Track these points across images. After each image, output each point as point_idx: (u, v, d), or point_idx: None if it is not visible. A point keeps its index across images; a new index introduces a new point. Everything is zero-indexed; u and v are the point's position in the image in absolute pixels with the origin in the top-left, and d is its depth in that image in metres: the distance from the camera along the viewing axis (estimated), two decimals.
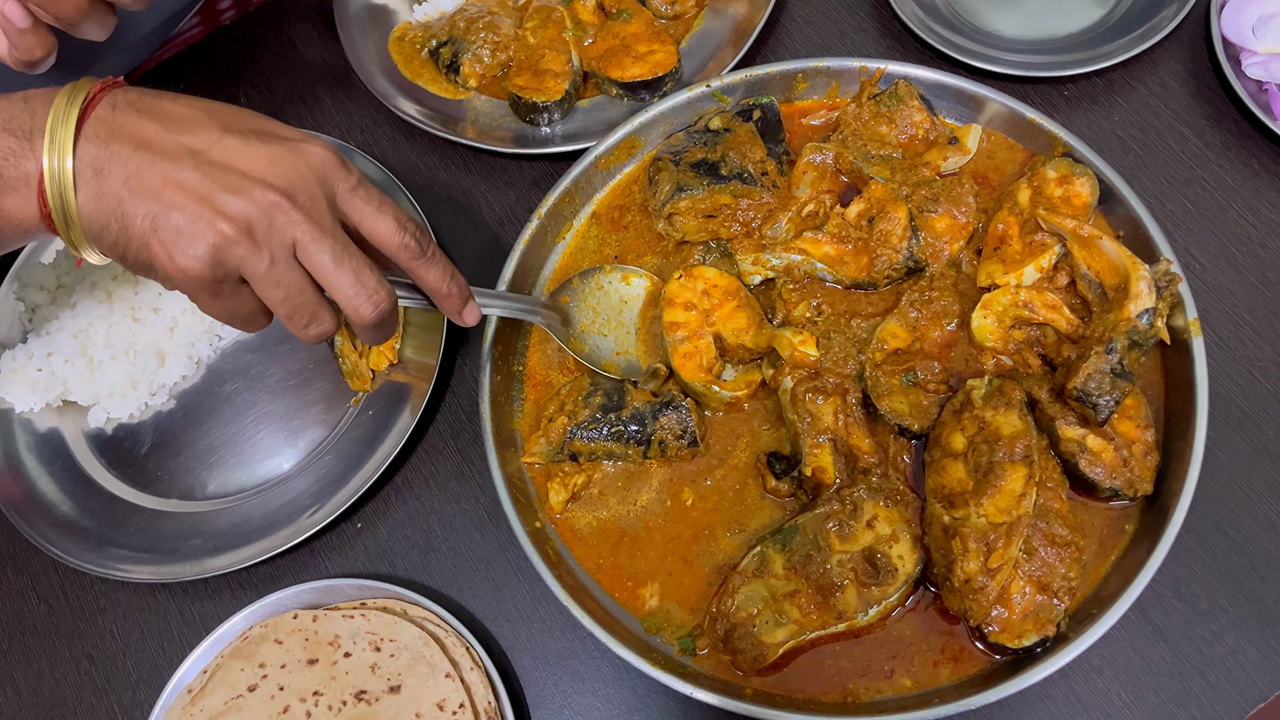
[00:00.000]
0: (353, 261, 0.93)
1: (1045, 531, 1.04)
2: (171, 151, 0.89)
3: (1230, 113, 1.34)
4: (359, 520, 1.29)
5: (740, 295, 1.23)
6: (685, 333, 1.20)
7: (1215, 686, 1.07)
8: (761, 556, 1.08)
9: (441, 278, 1.02)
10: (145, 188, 0.88)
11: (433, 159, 1.52)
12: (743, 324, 1.22)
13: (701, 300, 1.22)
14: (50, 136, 0.88)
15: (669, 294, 1.23)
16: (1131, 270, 1.07)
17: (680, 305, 1.22)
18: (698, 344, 1.20)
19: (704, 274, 1.24)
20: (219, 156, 0.89)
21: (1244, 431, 1.17)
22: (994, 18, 1.46)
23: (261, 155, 0.90)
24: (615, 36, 1.46)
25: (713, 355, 1.20)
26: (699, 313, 1.22)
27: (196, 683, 1.15)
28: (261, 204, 0.88)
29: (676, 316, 1.21)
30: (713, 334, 1.20)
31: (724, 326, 1.21)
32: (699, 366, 1.19)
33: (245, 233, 0.88)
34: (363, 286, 0.93)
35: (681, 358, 1.19)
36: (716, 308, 1.22)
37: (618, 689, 1.16)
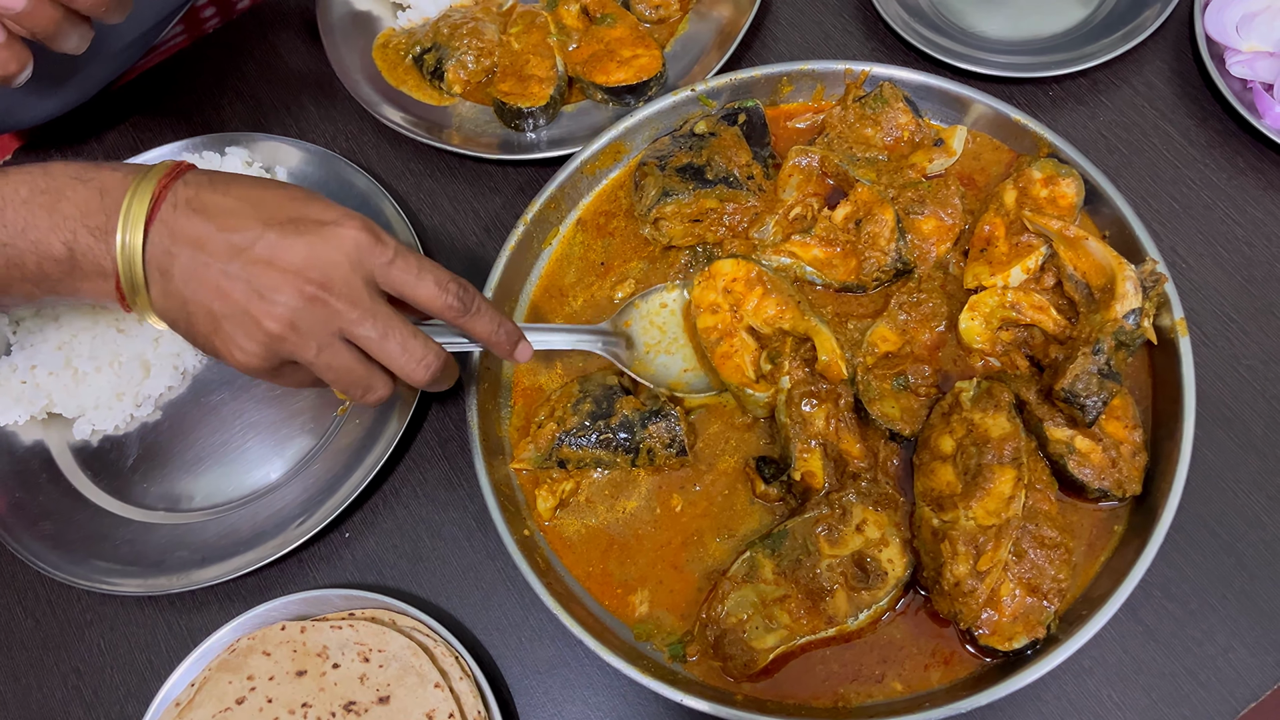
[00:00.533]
0: (397, 335, 1.00)
1: (1034, 533, 1.03)
2: (221, 252, 0.96)
3: (1215, 111, 1.34)
4: (347, 530, 1.28)
5: (763, 280, 1.20)
6: (719, 334, 1.19)
7: (1206, 686, 1.07)
8: (751, 562, 1.08)
9: (489, 328, 1.07)
10: (203, 289, 0.97)
11: (418, 166, 1.51)
12: (774, 310, 1.19)
13: (725, 298, 1.20)
14: (121, 240, 0.97)
15: (695, 300, 1.21)
16: (1118, 270, 1.07)
17: (707, 309, 1.20)
18: (733, 342, 1.18)
19: (721, 270, 1.21)
20: (262, 253, 0.96)
21: (1231, 430, 1.17)
22: (978, 19, 1.46)
23: (299, 250, 0.96)
24: (599, 41, 1.46)
25: (754, 349, 1.18)
26: (725, 310, 1.20)
27: (184, 695, 1.15)
28: (303, 299, 0.96)
29: (707, 321, 1.20)
30: (744, 329, 1.19)
31: (755, 318, 1.19)
32: (738, 367, 1.17)
33: (290, 328, 0.96)
34: (410, 355, 1.01)
35: (720, 359, 1.18)
36: (742, 300, 1.20)
37: (608, 696, 1.16)
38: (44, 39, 1.05)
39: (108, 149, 1.61)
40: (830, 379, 1.14)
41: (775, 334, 1.19)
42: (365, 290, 0.98)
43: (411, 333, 1.01)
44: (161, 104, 1.64)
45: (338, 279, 0.96)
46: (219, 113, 1.62)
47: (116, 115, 1.64)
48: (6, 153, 1.65)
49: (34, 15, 1.01)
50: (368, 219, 1.00)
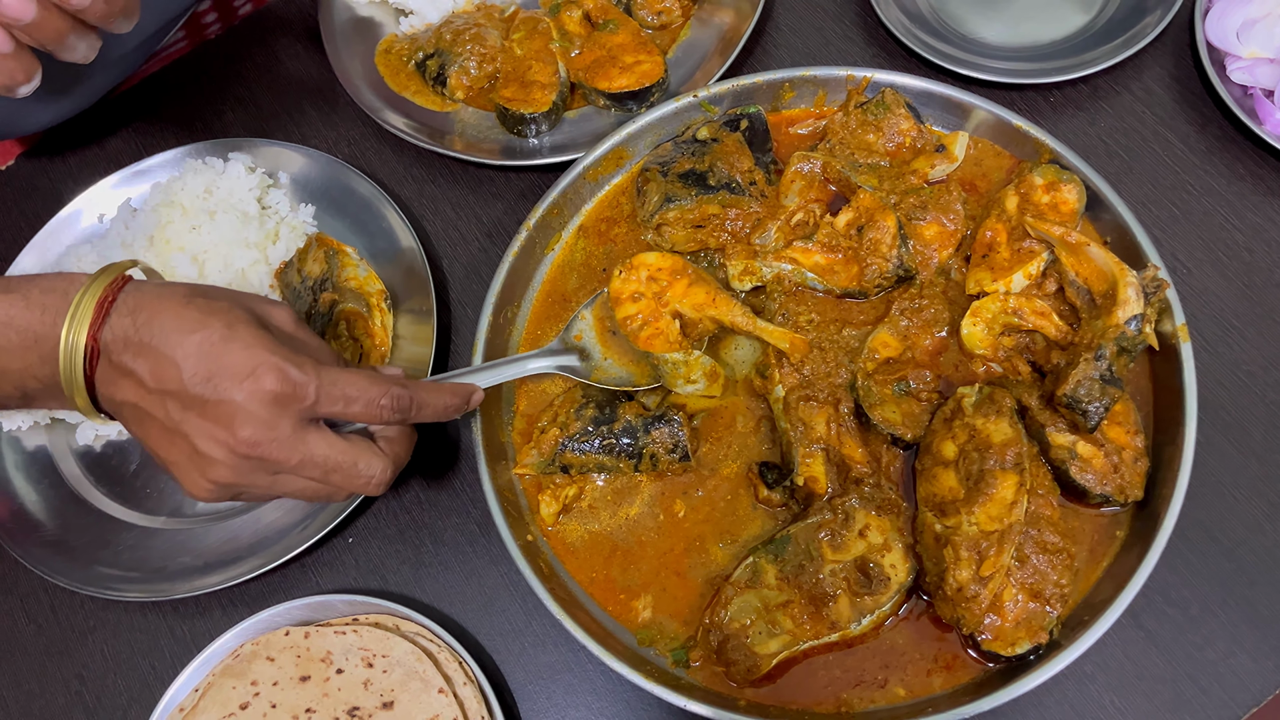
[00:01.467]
0: (339, 468, 1.00)
1: (1037, 539, 1.04)
2: (157, 411, 0.97)
3: (1215, 118, 1.34)
4: (350, 535, 1.28)
5: (689, 272, 1.22)
6: (641, 320, 1.20)
7: (1208, 692, 1.07)
8: (754, 567, 1.08)
9: (436, 411, 1.07)
10: (149, 439, 0.99)
11: (420, 172, 1.51)
12: (701, 298, 1.21)
13: (649, 286, 1.22)
14: (70, 396, 1.00)
15: (613, 292, 1.22)
16: (1119, 276, 1.07)
17: (628, 299, 1.21)
18: (658, 325, 1.20)
19: (645, 261, 1.23)
20: (191, 417, 0.96)
21: (1232, 435, 1.17)
22: (979, 25, 1.46)
23: (223, 413, 0.95)
24: (602, 47, 1.46)
25: (677, 331, 1.20)
26: (649, 299, 1.21)
27: (188, 701, 1.15)
28: (237, 457, 0.96)
29: (627, 310, 1.21)
30: (671, 313, 1.20)
31: (681, 304, 1.21)
32: (668, 341, 1.19)
33: (234, 479, 0.98)
34: (357, 478, 1.02)
35: (646, 341, 1.19)
36: (667, 288, 1.21)
37: (611, 702, 1.16)
38: (52, 49, 1.05)
39: (110, 155, 1.61)
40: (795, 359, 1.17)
41: (701, 321, 1.21)
42: (296, 434, 0.97)
43: (353, 458, 1.01)
44: (164, 110, 1.64)
45: (264, 436, 0.95)
46: (221, 118, 1.62)
47: (119, 121, 1.64)
48: (9, 158, 1.65)
49: (43, 25, 1.01)
50: (284, 363, 0.96)
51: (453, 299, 1.41)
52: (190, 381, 0.94)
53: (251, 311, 1.00)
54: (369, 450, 1.03)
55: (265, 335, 0.97)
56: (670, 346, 1.19)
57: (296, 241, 1.42)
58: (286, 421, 0.96)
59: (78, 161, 1.63)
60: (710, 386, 1.20)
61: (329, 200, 1.46)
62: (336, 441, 1.00)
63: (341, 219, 1.45)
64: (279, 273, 1.41)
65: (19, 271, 1.47)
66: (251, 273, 1.40)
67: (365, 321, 1.32)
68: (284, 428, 0.96)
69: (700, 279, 1.22)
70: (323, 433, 0.99)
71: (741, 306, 1.20)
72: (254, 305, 1.02)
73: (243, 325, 0.97)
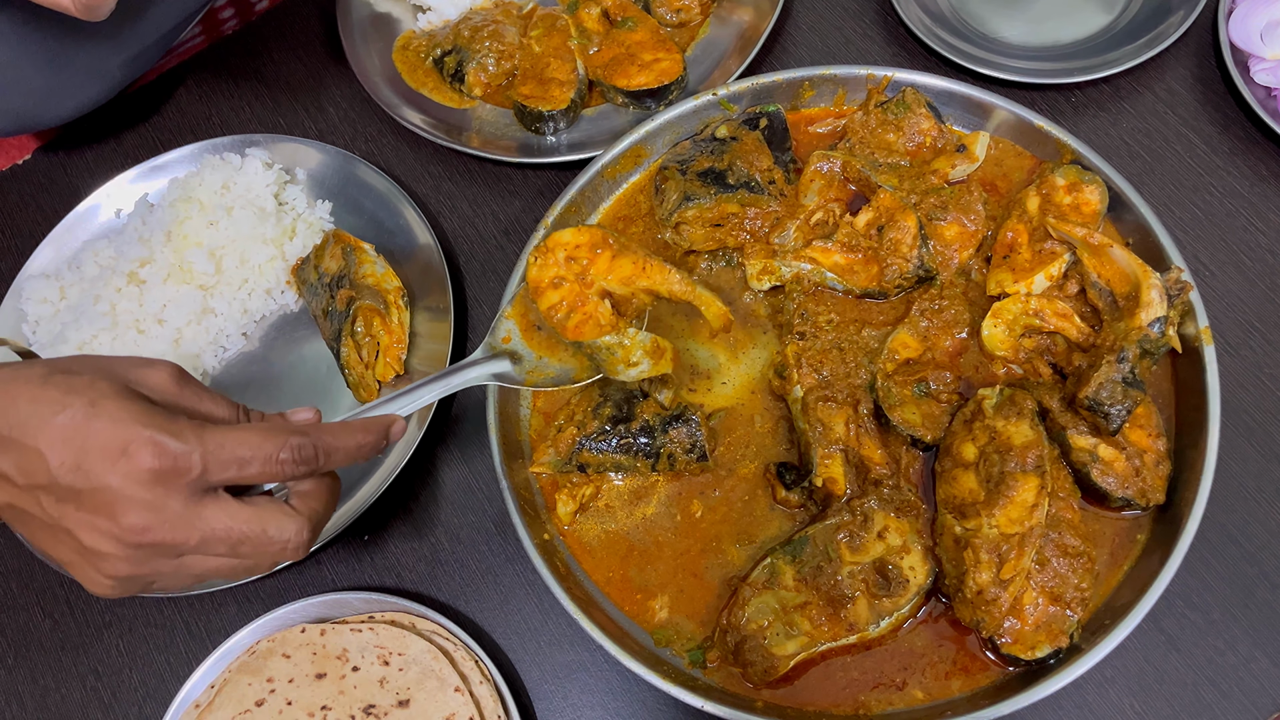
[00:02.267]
0: (247, 539, 0.89)
1: (1057, 542, 1.03)
2: (31, 503, 0.86)
3: (1238, 119, 1.33)
4: (366, 533, 1.28)
5: (610, 243, 1.13)
6: (567, 308, 1.11)
7: (1228, 696, 1.07)
8: (771, 568, 1.08)
9: (350, 456, 0.96)
10: (33, 537, 0.89)
11: (437, 168, 1.51)
12: (629, 269, 1.12)
13: (569, 268, 1.12)
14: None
15: (531, 282, 1.13)
16: (1142, 278, 1.07)
17: (549, 287, 1.12)
18: (585, 310, 1.11)
19: (560, 240, 1.13)
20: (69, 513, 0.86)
21: (1255, 439, 1.16)
22: (1000, 24, 1.46)
23: (101, 501, 0.84)
24: (620, 45, 1.46)
25: (609, 312, 1.11)
26: (572, 281, 1.12)
27: (204, 698, 1.15)
28: (128, 548, 0.85)
29: (550, 299, 1.11)
30: (597, 293, 1.11)
31: (607, 281, 1.12)
32: (598, 326, 1.10)
33: (133, 571, 0.87)
34: (270, 547, 0.90)
35: (575, 331, 1.10)
36: (589, 266, 1.12)
37: (627, 702, 1.16)
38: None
39: (127, 150, 1.62)
40: (715, 329, 1.15)
41: (634, 295, 1.13)
42: (188, 510, 0.85)
43: (260, 525, 0.89)
44: (181, 106, 1.64)
45: (152, 520, 0.84)
46: (238, 114, 1.62)
47: (136, 117, 1.64)
48: (26, 152, 1.65)
49: None
50: (159, 435, 0.84)
51: (470, 296, 1.41)
52: (59, 471, 0.83)
53: (119, 380, 0.87)
54: (278, 512, 0.90)
55: (135, 405, 0.85)
56: (602, 330, 1.09)
57: (313, 238, 1.42)
58: (175, 499, 0.85)
59: (95, 156, 1.63)
60: (657, 364, 1.10)
61: (346, 197, 1.46)
62: (238, 510, 0.88)
63: (358, 215, 1.45)
64: (295, 269, 1.41)
65: (37, 266, 1.47)
66: (268, 269, 1.40)
67: (382, 319, 1.32)
68: (173, 506, 0.85)
69: (625, 249, 1.13)
70: (221, 503, 0.87)
71: (677, 271, 1.12)
72: (123, 371, 0.89)
73: (108, 399, 0.85)
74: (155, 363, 0.92)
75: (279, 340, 1.41)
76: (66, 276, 1.43)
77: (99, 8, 1.11)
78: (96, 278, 1.41)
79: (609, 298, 1.12)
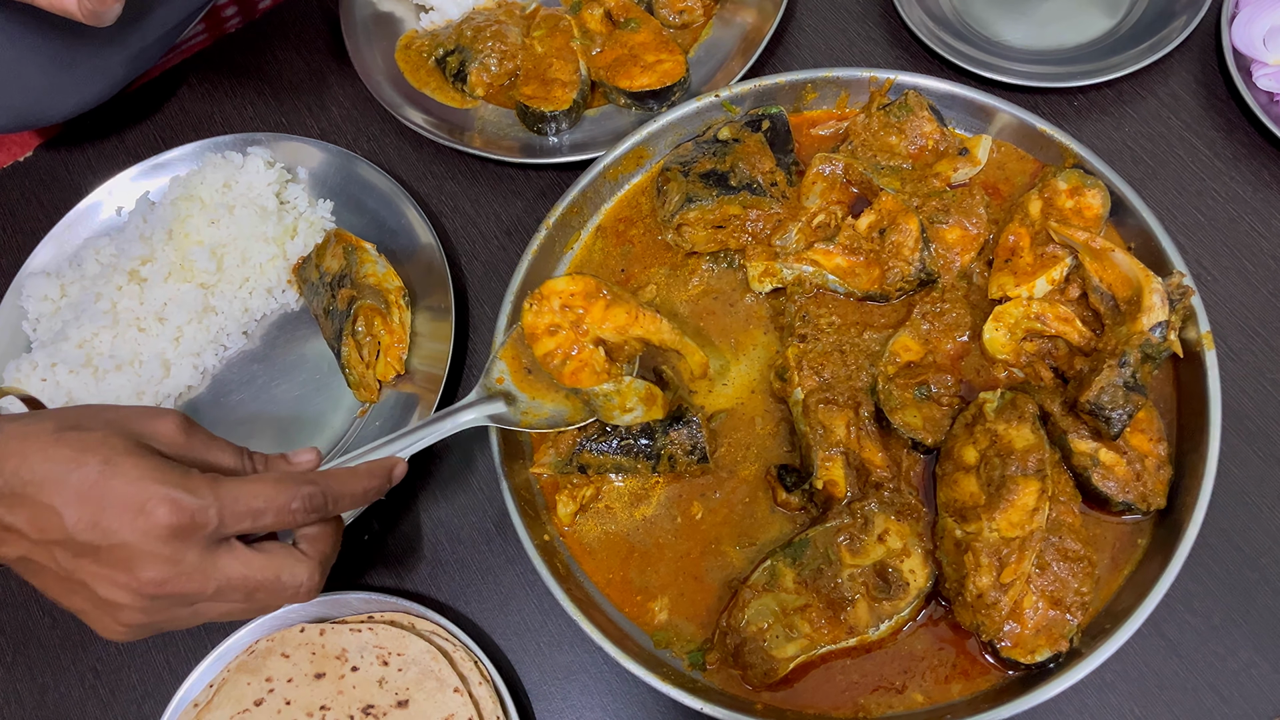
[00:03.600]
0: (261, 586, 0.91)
1: (1058, 546, 1.03)
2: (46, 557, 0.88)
3: (1241, 124, 1.33)
4: (366, 532, 1.28)
5: (604, 293, 1.16)
6: (562, 355, 1.13)
7: (1229, 701, 1.07)
8: (772, 570, 1.08)
9: (356, 501, 0.98)
10: (47, 588, 0.91)
11: (439, 168, 1.51)
12: (621, 319, 1.15)
13: (564, 316, 1.15)
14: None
15: (527, 329, 1.15)
16: (1144, 283, 1.07)
17: (544, 334, 1.14)
18: (581, 357, 1.14)
19: (554, 288, 1.16)
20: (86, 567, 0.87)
21: (1256, 444, 1.16)
22: (1003, 28, 1.46)
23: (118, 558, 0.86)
24: (623, 46, 1.46)
25: (603, 360, 1.14)
26: (567, 329, 1.14)
27: (202, 697, 1.15)
28: (144, 599, 0.87)
29: (546, 346, 1.14)
30: (592, 340, 1.14)
31: (601, 329, 1.15)
32: (594, 373, 1.13)
33: (144, 617, 0.90)
34: (284, 591, 0.93)
35: (571, 376, 1.13)
36: (584, 316, 1.15)
37: (627, 704, 1.16)
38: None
39: (129, 148, 1.61)
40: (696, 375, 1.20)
41: (626, 343, 1.16)
42: (204, 561, 0.87)
43: (274, 572, 0.91)
44: (183, 103, 1.64)
45: (169, 573, 0.86)
46: (240, 112, 1.62)
47: (138, 114, 1.64)
48: (28, 149, 1.65)
49: None
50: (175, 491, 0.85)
51: (471, 297, 1.40)
52: (76, 529, 0.85)
53: (130, 435, 0.89)
54: (290, 558, 0.93)
55: (150, 460, 0.87)
56: (598, 378, 1.12)
57: (315, 237, 1.42)
58: (192, 552, 0.87)
59: (97, 154, 1.63)
60: (650, 410, 1.13)
61: (347, 196, 1.46)
62: (253, 559, 0.90)
63: (360, 215, 1.45)
64: (297, 268, 1.41)
65: (38, 263, 1.47)
66: (269, 268, 1.40)
67: (384, 318, 1.32)
68: (189, 559, 0.87)
69: (618, 299, 1.16)
70: (235, 552, 0.90)
71: (666, 320, 1.16)
72: (133, 425, 0.90)
73: (122, 456, 0.86)
74: (162, 413, 0.93)
75: (280, 339, 1.41)
76: (67, 274, 1.43)
77: (105, 14, 1.12)
78: (97, 275, 1.41)
79: (602, 344, 1.15)
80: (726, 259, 1.28)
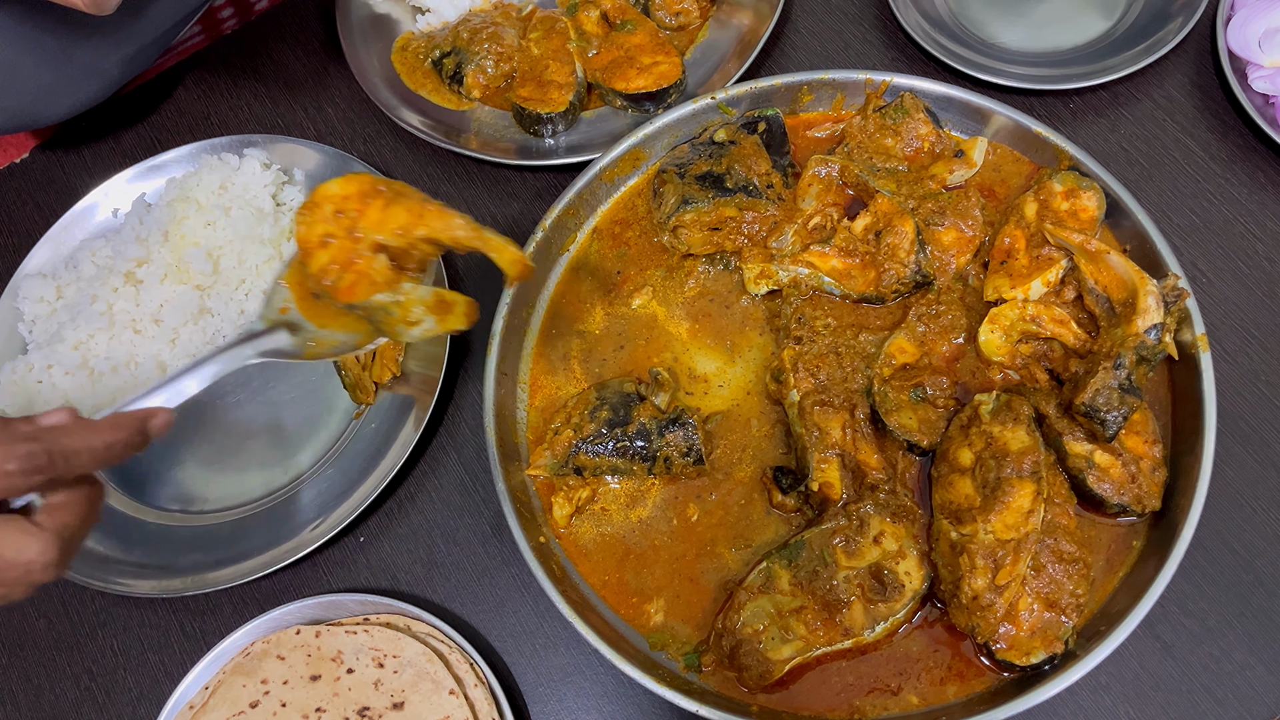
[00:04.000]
0: None
1: (1053, 548, 1.03)
2: None
3: (1236, 126, 1.33)
4: (362, 534, 1.28)
5: (382, 190, 1.00)
6: (337, 267, 0.99)
7: (1223, 704, 1.07)
8: (767, 572, 1.08)
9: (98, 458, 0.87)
10: None
11: (435, 170, 1.51)
12: (403, 218, 0.99)
13: (339, 223, 0.99)
14: None
15: (300, 243, 1.00)
16: (1139, 285, 1.07)
17: (318, 246, 0.99)
18: (359, 268, 0.98)
19: (326, 193, 1.00)
20: None
21: (1251, 446, 1.17)
22: (999, 30, 1.46)
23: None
24: (619, 48, 1.46)
25: (385, 267, 0.99)
26: (341, 237, 0.99)
27: (198, 699, 1.15)
28: None
29: (321, 260, 0.99)
30: (370, 247, 0.99)
31: (382, 232, 0.99)
32: (372, 284, 0.99)
33: None
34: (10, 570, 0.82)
35: (348, 292, 0.99)
36: (359, 218, 0.99)
37: (622, 706, 1.16)
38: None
39: (125, 149, 1.61)
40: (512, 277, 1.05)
41: (413, 245, 1.00)
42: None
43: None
44: (179, 105, 1.64)
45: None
46: (236, 114, 1.62)
47: (135, 116, 1.64)
48: (24, 150, 1.65)
49: None
50: None
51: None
52: None
53: None
54: (15, 531, 0.82)
55: None
56: (377, 288, 0.98)
57: None
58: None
59: (93, 155, 1.63)
60: (444, 320, 1.01)
61: None
62: None
63: None
64: None
65: (34, 265, 1.47)
66: (265, 270, 1.40)
67: None
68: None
69: (400, 195, 1.00)
70: None
71: (459, 215, 1.00)
72: None
73: None
74: None
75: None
76: (63, 276, 1.43)
77: (106, 2, 1.11)
78: (93, 277, 1.40)
79: (384, 251, 1.00)
80: (722, 261, 1.28)
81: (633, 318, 1.28)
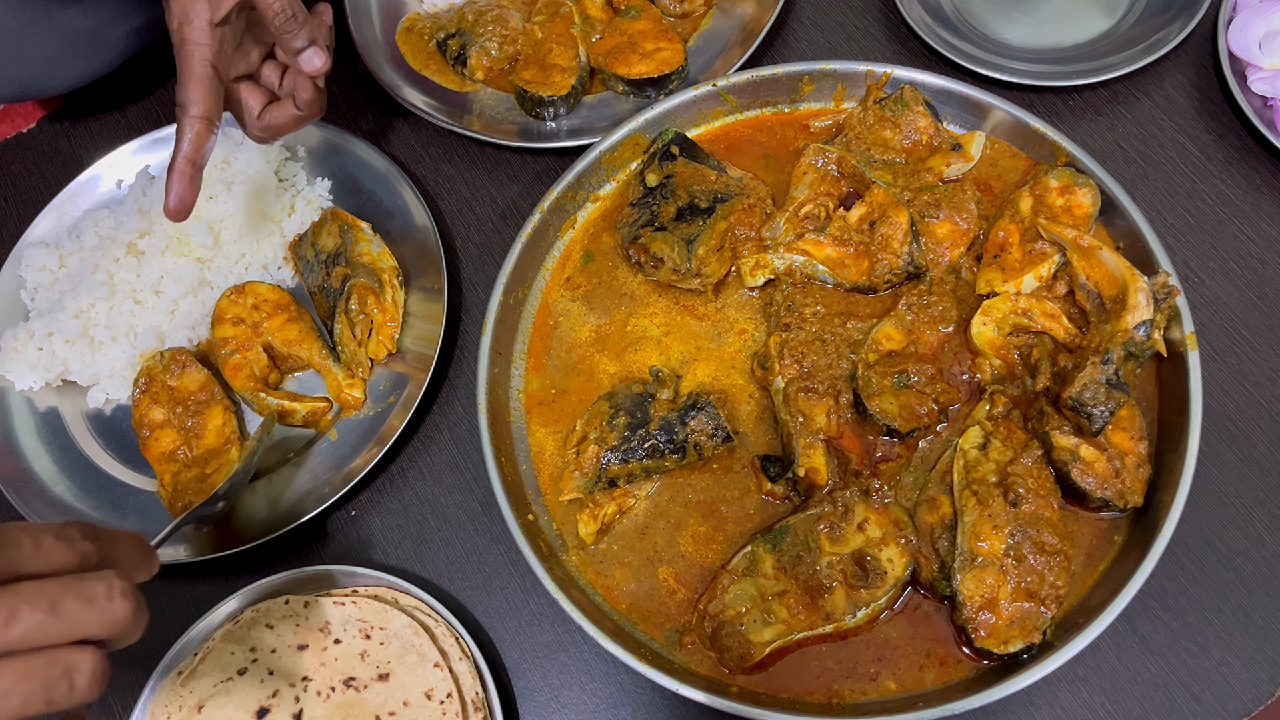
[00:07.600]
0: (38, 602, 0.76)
1: (1035, 539, 1.04)
2: None
3: (1234, 127, 1.34)
4: (353, 508, 1.29)
5: (292, 309, 1.34)
6: (234, 346, 1.31)
7: (1199, 699, 1.08)
8: (751, 556, 1.09)
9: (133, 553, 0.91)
10: None
11: (437, 150, 1.52)
12: (294, 335, 1.31)
13: (251, 314, 1.32)
14: None
15: (218, 310, 1.33)
16: (1130, 282, 1.07)
17: (229, 321, 1.32)
18: (247, 355, 1.30)
19: (255, 289, 1.34)
20: None
21: (1236, 445, 1.17)
22: (1001, 26, 1.46)
23: None
24: (623, 33, 1.47)
25: (265, 364, 1.30)
26: (248, 326, 1.32)
27: (187, 665, 1.16)
28: None
29: (225, 332, 1.32)
30: (262, 344, 1.31)
31: (275, 337, 1.31)
32: (249, 376, 1.29)
33: None
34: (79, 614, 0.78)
35: (232, 370, 1.30)
36: (266, 319, 1.32)
37: (605, 683, 1.17)
38: None
39: (131, 122, 1.62)
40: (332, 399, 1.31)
41: (290, 357, 1.32)
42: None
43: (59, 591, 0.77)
44: None
45: None
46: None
47: (141, 88, 1.65)
48: (31, 121, 1.66)
49: None
50: None
51: (464, 278, 1.41)
52: None
53: None
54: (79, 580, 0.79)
55: None
56: (246, 384, 1.29)
57: (312, 215, 1.43)
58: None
59: (99, 127, 1.64)
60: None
61: (345, 175, 1.47)
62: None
63: (357, 194, 1.46)
64: (293, 245, 1.42)
65: (38, 234, 1.48)
66: (266, 244, 1.41)
67: (377, 297, 1.33)
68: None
69: (298, 317, 1.33)
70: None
71: (321, 348, 1.31)
72: None
73: None
74: None
75: None
76: (66, 245, 1.44)
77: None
78: (96, 247, 1.42)
79: (270, 351, 1.32)
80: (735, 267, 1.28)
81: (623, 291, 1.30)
